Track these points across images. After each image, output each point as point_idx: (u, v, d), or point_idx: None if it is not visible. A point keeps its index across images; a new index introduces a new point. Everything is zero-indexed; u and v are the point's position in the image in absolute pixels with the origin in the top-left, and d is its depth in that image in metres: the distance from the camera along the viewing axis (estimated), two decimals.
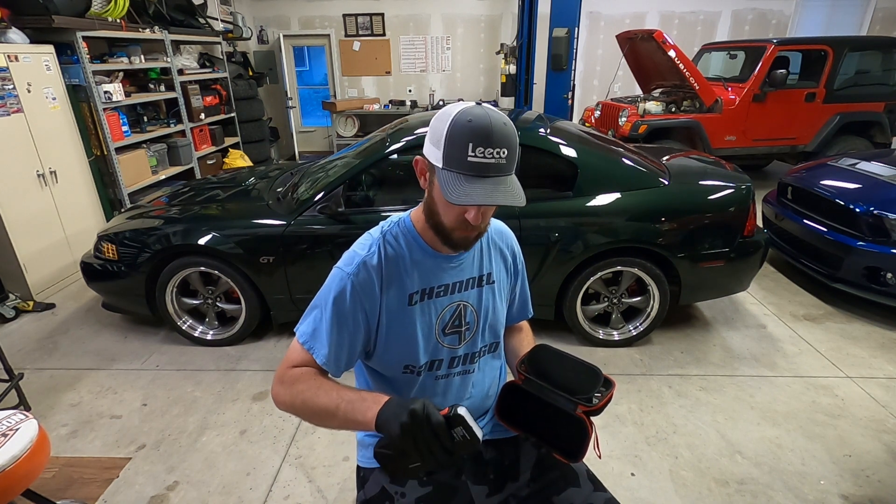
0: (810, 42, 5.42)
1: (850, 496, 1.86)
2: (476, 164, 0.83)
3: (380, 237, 1.01)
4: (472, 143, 0.82)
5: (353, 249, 1.01)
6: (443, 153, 0.86)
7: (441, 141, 0.86)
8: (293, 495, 1.90)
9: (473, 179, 0.84)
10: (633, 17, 7.27)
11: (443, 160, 0.86)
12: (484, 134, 0.82)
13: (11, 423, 1.45)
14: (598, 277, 2.67)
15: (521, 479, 1.10)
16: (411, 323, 1.01)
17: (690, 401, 2.38)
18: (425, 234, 1.01)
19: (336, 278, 0.98)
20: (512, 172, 0.88)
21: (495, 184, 0.85)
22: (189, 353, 2.82)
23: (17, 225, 3.25)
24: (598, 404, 0.93)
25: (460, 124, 0.84)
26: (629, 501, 1.85)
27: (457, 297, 1.05)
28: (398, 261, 0.99)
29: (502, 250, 1.14)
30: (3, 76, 3.15)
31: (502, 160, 0.85)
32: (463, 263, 1.05)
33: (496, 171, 0.85)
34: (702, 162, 3.24)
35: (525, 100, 6.46)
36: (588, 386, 0.94)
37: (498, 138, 0.83)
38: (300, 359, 0.97)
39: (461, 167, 0.84)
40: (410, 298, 1.00)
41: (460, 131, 0.83)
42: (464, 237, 0.95)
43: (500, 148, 0.84)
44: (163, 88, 4.93)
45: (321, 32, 7.61)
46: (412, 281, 1.00)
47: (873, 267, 2.94)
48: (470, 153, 0.83)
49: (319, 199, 2.60)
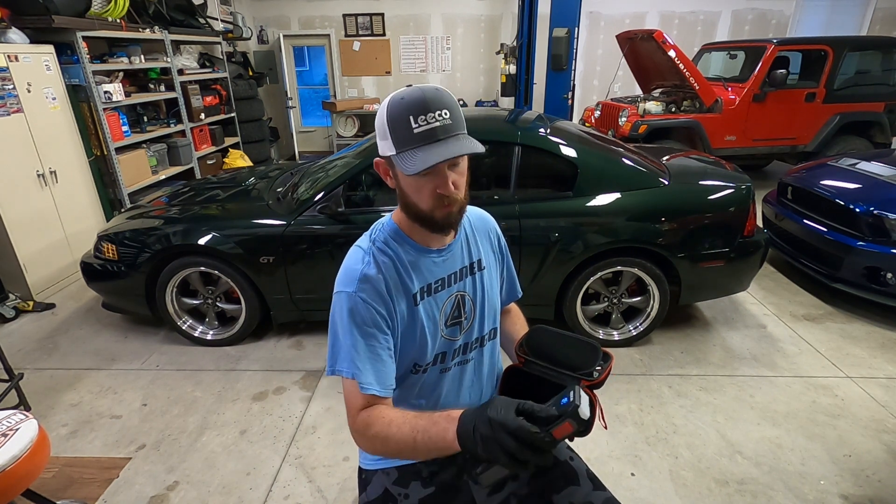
0: (810, 42, 5.41)
1: (850, 496, 1.86)
2: (423, 133, 0.86)
3: (370, 246, 1.00)
4: (412, 116, 0.85)
5: (348, 265, 0.99)
6: (391, 140, 0.88)
7: (386, 131, 0.89)
8: (293, 495, 1.90)
9: (427, 147, 0.86)
10: (633, 17, 7.27)
11: (394, 146, 0.88)
12: (419, 103, 0.85)
13: (11, 423, 1.45)
14: (598, 277, 2.67)
15: (521, 479, 1.10)
16: (419, 322, 1.01)
17: (690, 401, 2.38)
18: (411, 231, 1.01)
19: (343, 301, 0.95)
20: (463, 131, 0.90)
21: (448, 143, 0.86)
22: (189, 353, 2.82)
23: (17, 225, 3.25)
24: (600, 377, 0.94)
25: (395, 106, 0.87)
26: (629, 501, 1.85)
27: (454, 289, 1.06)
28: (395, 265, 0.99)
29: (487, 234, 1.16)
30: (3, 76, 3.15)
31: (448, 120, 0.87)
32: (453, 254, 1.06)
33: (445, 133, 0.87)
34: (702, 162, 3.24)
35: (525, 100, 6.46)
36: (588, 361, 0.95)
37: (434, 102, 0.86)
38: (356, 398, 0.93)
39: (411, 142, 0.86)
40: (415, 299, 1.00)
41: (398, 112, 0.87)
42: (446, 214, 0.94)
43: (440, 110, 0.86)
44: (163, 88, 4.93)
45: (321, 32, 7.61)
46: (412, 281, 1.00)
47: (873, 267, 2.94)
48: (414, 125, 0.85)
49: (319, 199, 2.60)
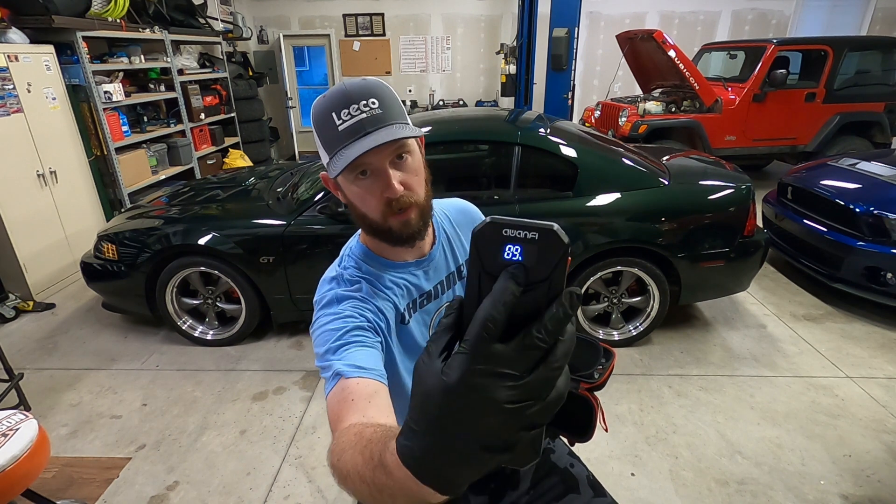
0: (810, 42, 5.41)
1: (850, 496, 1.86)
2: (349, 128, 0.76)
3: (341, 273, 0.90)
4: (334, 113, 0.77)
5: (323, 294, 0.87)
6: (322, 146, 0.80)
7: (317, 138, 0.81)
8: (293, 495, 1.90)
9: (353, 143, 0.76)
10: (633, 17, 7.27)
11: (325, 151, 0.80)
12: (340, 97, 0.77)
13: (11, 423, 1.45)
14: (598, 277, 2.67)
15: (521, 487, 1.08)
16: (413, 340, 0.96)
17: (690, 401, 2.38)
18: (379, 249, 0.92)
19: (324, 297, 0.86)
20: (400, 121, 0.79)
21: (377, 134, 0.76)
22: (189, 353, 2.82)
23: (17, 225, 3.25)
24: (601, 379, 0.90)
25: (318, 106, 0.79)
26: (629, 501, 1.85)
27: (443, 299, 1.00)
28: (374, 287, 0.90)
29: (472, 227, 1.10)
30: (3, 76, 3.15)
31: (376, 110, 0.77)
32: (434, 263, 0.98)
33: (374, 124, 0.76)
34: (702, 162, 3.24)
35: (525, 100, 6.46)
36: (588, 361, 0.92)
37: (357, 94, 0.77)
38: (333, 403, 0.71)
39: (338, 141, 0.77)
40: (403, 317, 0.93)
41: (321, 111, 0.79)
42: (402, 223, 0.82)
43: (365, 100, 0.76)
44: (163, 88, 4.93)
45: (321, 32, 7.61)
46: (397, 299, 0.92)
47: (873, 267, 2.94)
48: (338, 122, 0.76)
49: (319, 199, 2.60)
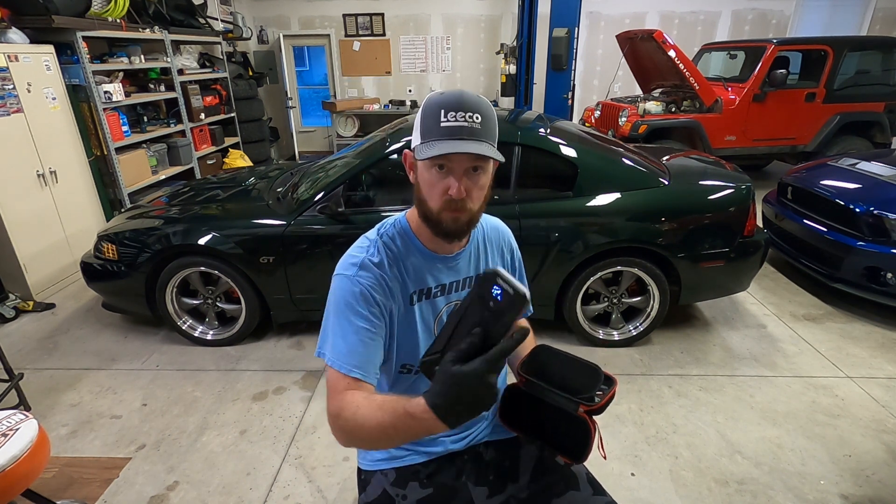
0: (810, 42, 5.41)
1: (850, 496, 1.86)
2: (449, 128, 0.84)
3: (377, 238, 1.00)
4: (443, 110, 0.85)
5: (351, 253, 0.99)
6: (420, 130, 0.89)
7: (418, 123, 0.89)
8: (293, 495, 1.90)
9: (447, 141, 0.84)
10: (633, 17, 7.27)
11: (420, 136, 0.88)
12: (454, 100, 0.85)
13: (11, 423, 1.45)
14: (598, 277, 2.67)
15: (521, 481, 1.09)
16: (413, 322, 1.00)
17: (690, 401, 2.38)
18: (421, 232, 1.00)
19: (340, 284, 0.94)
20: (489, 142, 0.86)
21: (468, 143, 0.84)
22: (189, 353, 2.82)
23: (17, 225, 3.25)
24: (600, 403, 0.92)
25: (432, 100, 0.88)
26: (629, 501, 1.85)
27: (453, 297, 1.05)
28: (397, 261, 0.98)
29: (501, 247, 1.14)
30: (3, 76, 3.15)
31: (476, 125, 0.85)
32: (459, 263, 1.04)
33: (470, 134, 0.84)
34: (702, 162, 3.24)
35: (525, 100, 6.47)
36: (589, 385, 0.94)
37: (469, 104, 0.85)
38: (337, 381, 0.88)
39: (435, 134, 0.85)
40: (411, 298, 1.00)
41: (433, 105, 0.87)
42: (453, 218, 0.90)
43: (473, 112, 0.85)
44: (163, 88, 4.93)
45: (321, 32, 7.61)
46: (411, 281, 0.99)
47: (873, 267, 2.94)
48: (442, 119, 0.84)
49: (319, 199, 2.60)
